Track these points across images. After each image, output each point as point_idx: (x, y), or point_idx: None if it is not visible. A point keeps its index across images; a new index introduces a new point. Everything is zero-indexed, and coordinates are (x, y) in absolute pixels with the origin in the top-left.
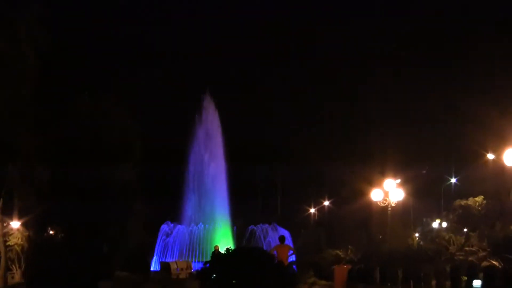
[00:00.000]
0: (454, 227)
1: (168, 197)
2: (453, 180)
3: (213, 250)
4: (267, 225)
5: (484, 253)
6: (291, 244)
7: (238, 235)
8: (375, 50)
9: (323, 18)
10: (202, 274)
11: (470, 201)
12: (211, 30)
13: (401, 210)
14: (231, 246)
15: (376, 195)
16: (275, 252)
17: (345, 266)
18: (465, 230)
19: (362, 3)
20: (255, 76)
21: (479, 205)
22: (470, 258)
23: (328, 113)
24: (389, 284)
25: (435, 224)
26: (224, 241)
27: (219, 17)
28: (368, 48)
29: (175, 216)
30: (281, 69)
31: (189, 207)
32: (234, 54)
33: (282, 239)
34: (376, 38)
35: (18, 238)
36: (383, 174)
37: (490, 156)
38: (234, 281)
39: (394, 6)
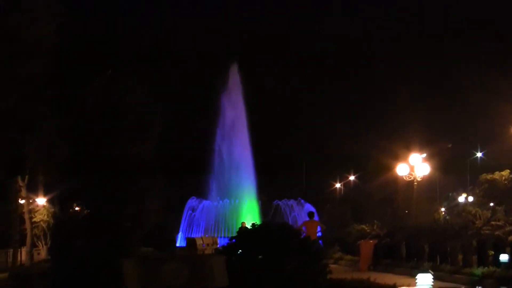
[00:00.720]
0: (480, 201)
1: (193, 173)
2: (479, 154)
3: (239, 226)
4: (292, 200)
5: (510, 227)
6: (316, 220)
7: (263, 211)
8: (402, 29)
9: None
10: (228, 249)
11: (496, 175)
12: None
13: (427, 185)
14: (257, 221)
15: (401, 169)
16: (304, 228)
17: (371, 241)
18: (491, 204)
19: None
20: (281, 53)
21: (505, 179)
22: (497, 233)
23: (354, 89)
24: (415, 259)
25: (461, 199)
26: (249, 216)
27: None
28: (397, 27)
29: (201, 191)
30: (305, 46)
31: (215, 183)
32: (258, 28)
33: (311, 214)
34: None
35: (44, 215)
36: (408, 148)
37: None
38: (259, 257)
39: None
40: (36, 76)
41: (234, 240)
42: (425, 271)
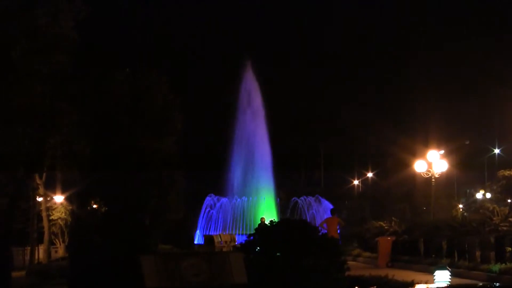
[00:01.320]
0: (498, 198)
1: (211, 170)
2: (496, 151)
3: (258, 222)
4: (310, 197)
5: None
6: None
7: (281, 208)
8: (419, 22)
9: None
10: (246, 247)
11: None
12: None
13: (445, 181)
14: (275, 218)
15: (419, 166)
16: (325, 225)
17: (389, 238)
18: (509, 200)
19: None
20: (296, 45)
21: None
22: None
23: (372, 86)
24: (433, 256)
25: (479, 195)
26: (267, 213)
27: None
28: (413, 19)
29: (218, 188)
30: (325, 38)
31: (233, 180)
32: (275, 20)
33: (333, 211)
34: (418, 12)
35: (62, 213)
36: (426, 145)
37: None
38: (278, 254)
39: None
40: (56, 72)
41: (252, 238)
42: (443, 267)
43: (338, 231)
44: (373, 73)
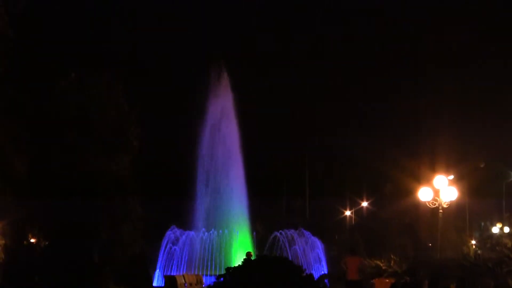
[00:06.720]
0: None
1: (174, 197)
2: None
3: (231, 260)
4: (292, 230)
5: None
6: (321, 254)
7: (258, 243)
8: (427, 34)
9: None
10: None
11: None
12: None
13: (455, 212)
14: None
15: (424, 194)
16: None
17: (387, 280)
18: None
19: None
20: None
21: None
22: None
23: (370, 97)
24: None
25: (496, 229)
26: (242, 250)
27: None
28: (421, 31)
29: (183, 220)
30: (318, 47)
31: (200, 209)
32: (250, 22)
33: (352, 250)
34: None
35: None
36: (433, 168)
37: None
38: None
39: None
40: None
41: (222, 279)
42: None
43: (325, 271)
44: (370, 88)
